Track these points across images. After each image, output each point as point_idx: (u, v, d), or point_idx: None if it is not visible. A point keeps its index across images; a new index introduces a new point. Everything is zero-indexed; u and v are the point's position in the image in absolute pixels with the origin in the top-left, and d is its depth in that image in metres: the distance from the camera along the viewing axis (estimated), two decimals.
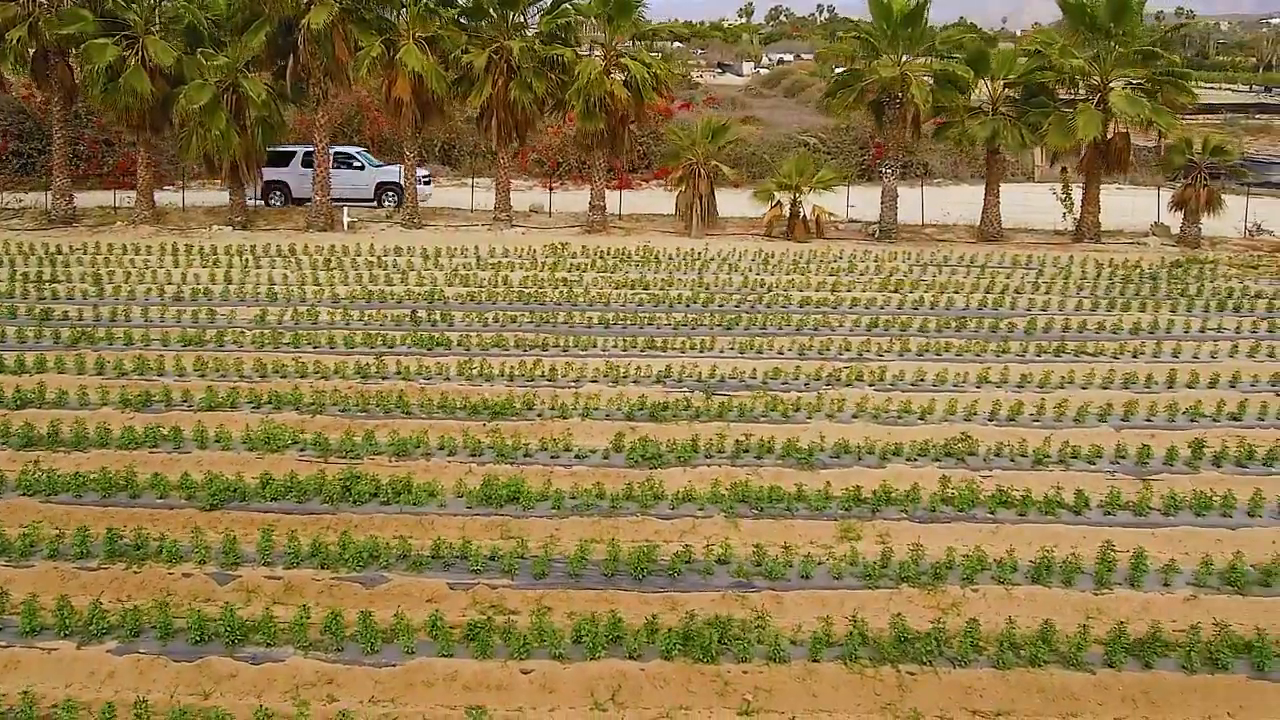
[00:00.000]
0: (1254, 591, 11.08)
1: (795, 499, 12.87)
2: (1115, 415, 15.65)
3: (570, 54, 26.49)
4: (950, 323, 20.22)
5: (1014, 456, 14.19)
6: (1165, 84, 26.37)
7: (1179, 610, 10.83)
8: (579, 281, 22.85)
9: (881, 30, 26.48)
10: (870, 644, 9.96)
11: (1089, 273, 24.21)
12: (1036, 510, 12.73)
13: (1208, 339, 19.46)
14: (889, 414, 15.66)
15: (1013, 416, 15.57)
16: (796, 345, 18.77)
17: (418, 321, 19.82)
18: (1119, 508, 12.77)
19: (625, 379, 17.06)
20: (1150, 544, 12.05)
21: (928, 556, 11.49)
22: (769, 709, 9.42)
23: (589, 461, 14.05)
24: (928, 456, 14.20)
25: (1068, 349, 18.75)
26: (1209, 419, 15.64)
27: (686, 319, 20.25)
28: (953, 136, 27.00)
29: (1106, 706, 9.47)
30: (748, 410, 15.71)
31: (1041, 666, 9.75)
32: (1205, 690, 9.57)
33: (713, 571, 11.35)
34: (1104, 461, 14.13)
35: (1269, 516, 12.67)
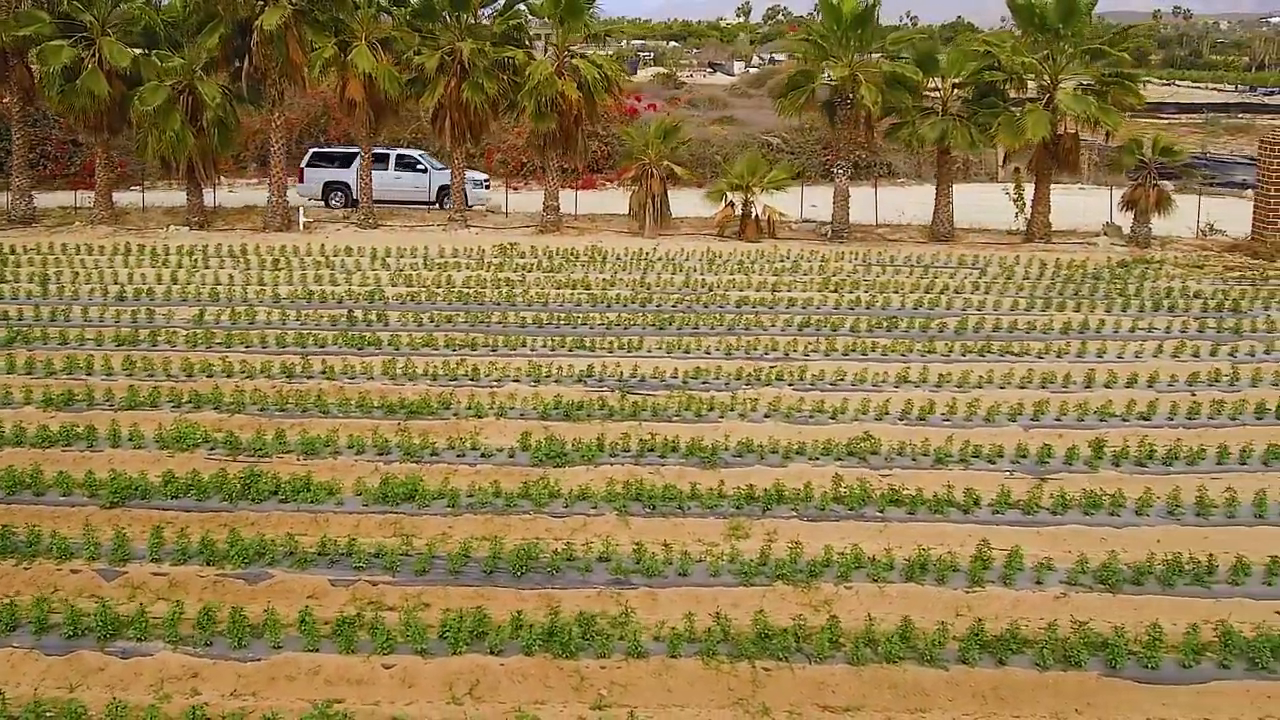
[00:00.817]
0: (1125, 590, 11.19)
1: (689, 497, 13.01)
2: (1026, 415, 15.75)
3: (522, 55, 26.65)
4: (881, 323, 20.33)
5: (915, 456, 14.32)
6: (1114, 84, 26.46)
7: (1048, 608, 10.96)
8: (521, 281, 23.00)
9: (832, 31, 26.59)
10: (731, 640, 10.11)
11: (1032, 273, 24.30)
12: (926, 509, 12.86)
13: (1135, 339, 19.53)
14: (801, 414, 15.79)
15: (923, 416, 15.68)
16: (725, 345, 18.89)
17: (353, 321, 19.99)
18: (1009, 507, 12.88)
19: (547, 379, 17.20)
20: (1034, 543, 12.19)
21: (807, 554, 11.62)
22: (622, 704, 9.56)
23: (494, 460, 14.20)
24: (830, 456, 14.33)
25: (993, 349, 18.85)
26: (1118, 419, 15.74)
27: (620, 319, 20.38)
28: (903, 137, 27.08)
29: (956, 703, 9.60)
30: (661, 410, 15.83)
31: (896, 663, 9.88)
32: (1056, 687, 9.69)
33: (592, 569, 11.49)
34: (1004, 461, 14.24)
35: (1156, 516, 12.78)
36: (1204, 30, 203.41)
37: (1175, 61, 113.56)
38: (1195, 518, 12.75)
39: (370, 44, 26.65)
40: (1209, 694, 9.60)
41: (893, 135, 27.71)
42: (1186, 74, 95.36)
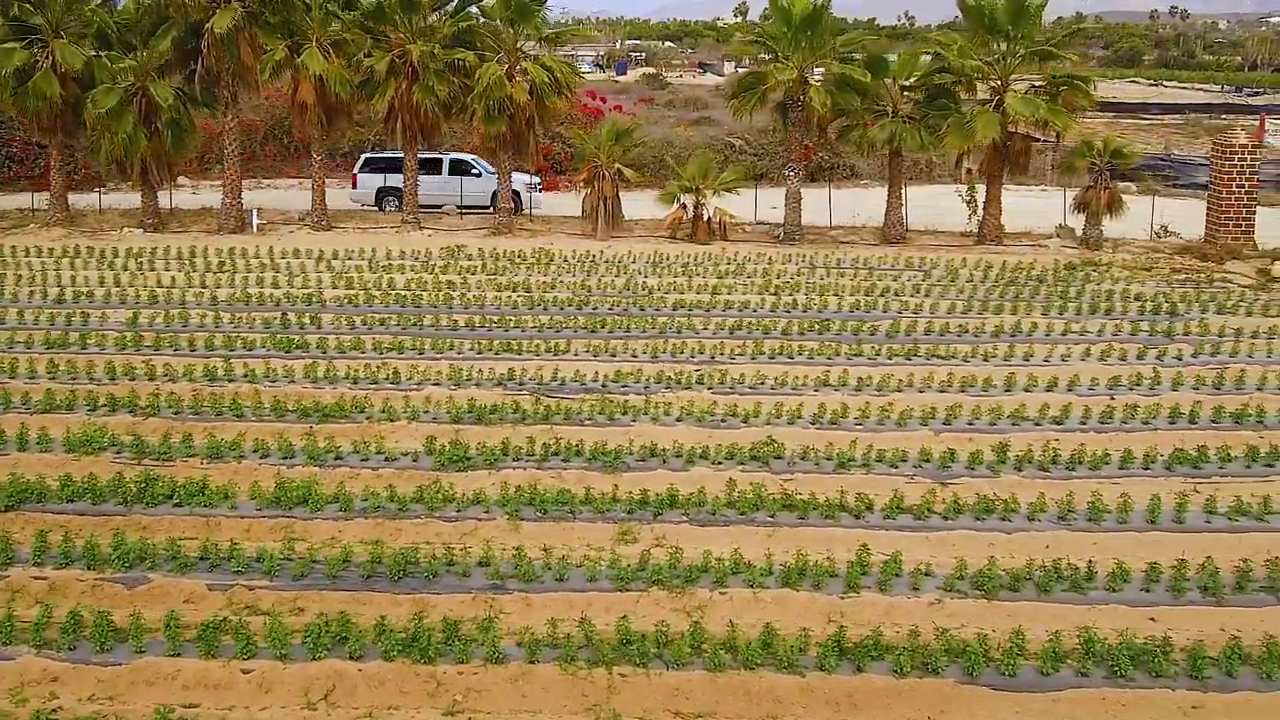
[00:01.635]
0: (1001, 597, 11.16)
1: (582, 502, 13.03)
2: (938, 419, 15.73)
3: (473, 57, 26.64)
4: (814, 326, 20.31)
5: (818, 460, 14.30)
6: (1064, 85, 26.41)
7: (921, 614, 10.93)
8: (463, 284, 23.02)
9: (782, 33, 26.57)
10: (593, 646, 10.11)
11: (976, 275, 24.27)
12: (818, 514, 12.84)
13: (1064, 342, 19.52)
14: (713, 418, 15.78)
15: (835, 421, 15.67)
16: (652, 348, 18.89)
17: (286, 324, 20.02)
18: (901, 512, 12.86)
19: (467, 382, 17.23)
20: (921, 548, 12.19)
21: (688, 560, 11.63)
22: (476, 709, 9.57)
23: (397, 464, 14.21)
24: (733, 460, 14.32)
25: (920, 352, 18.85)
26: (1031, 423, 15.71)
27: (553, 322, 20.39)
28: (854, 139, 27.06)
29: (809, 709, 9.59)
30: (574, 413, 15.85)
31: (754, 670, 9.88)
32: (911, 694, 9.68)
33: (470, 574, 11.50)
34: (907, 466, 14.22)
35: (1047, 521, 12.75)
36: (1202, 30, 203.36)
37: (1168, 61, 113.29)
38: (1087, 523, 12.73)
39: (321, 46, 26.68)
40: (1064, 701, 9.58)
41: (844, 137, 27.68)
42: (1176, 74, 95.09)
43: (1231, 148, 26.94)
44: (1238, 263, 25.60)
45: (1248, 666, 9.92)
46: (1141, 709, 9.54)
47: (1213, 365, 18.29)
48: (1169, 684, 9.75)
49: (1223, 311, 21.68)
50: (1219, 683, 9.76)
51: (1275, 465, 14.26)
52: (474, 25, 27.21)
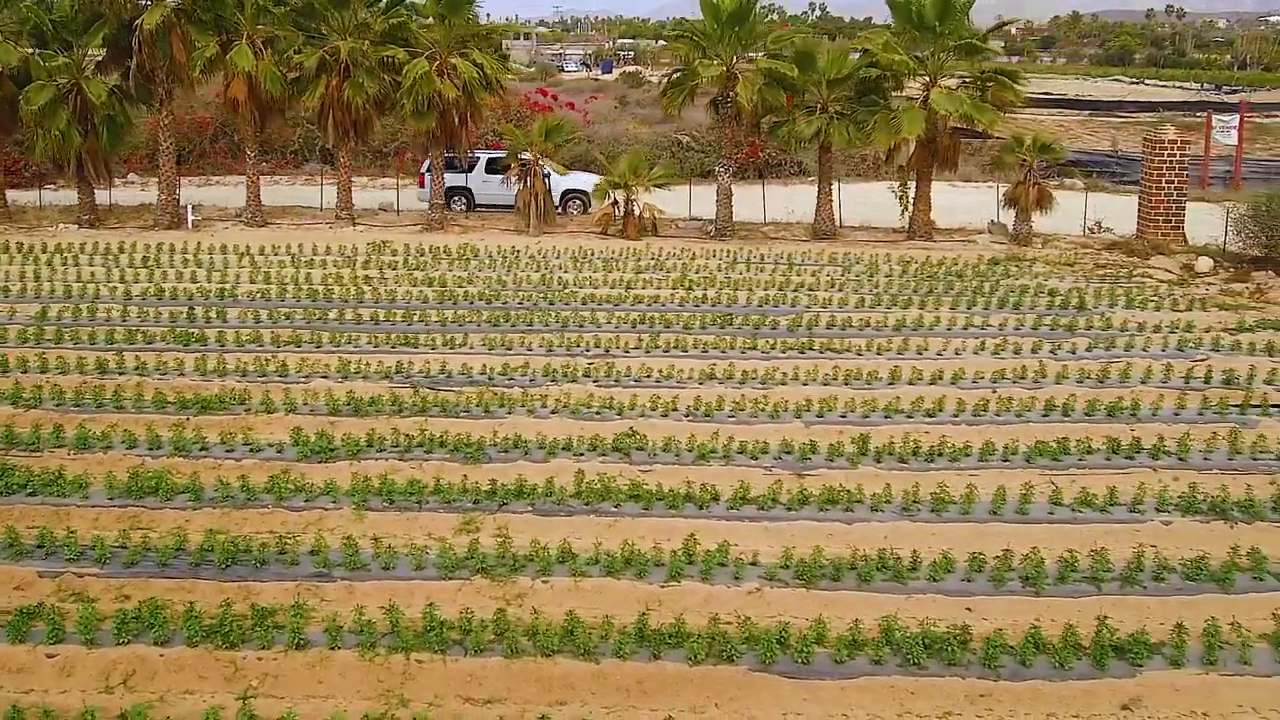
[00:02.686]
0: (821, 585, 11.22)
1: (431, 492, 13.11)
2: (812, 412, 15.79)
3: (403, 54, 26.72)
4: (716, 320, 20.35)
5: (680, 452, 14.38)
6: (992, 81, 26.41)
7: (738, 602, 11.00)
8: (380, 279, 23.11)
9: (712, 29, 26.61)
10: (397, 633, 10.19)
11: (895, 271, 24.29)
12: (663, 504, 12.91)
13: (964, 336, 19.52)
14: (589, 410, 15.84)
15: (710, 413, 15.72)
16: (549, 342, 18.97)
17: (192, 318, 20.13)
18: (746, 503, 12.93)
19: (356, 375, 17.31)
20: (760, 539, 12.26)
21: (518, 549, 11.72)
22: (270, 694, 9.65)
23: (262, 455, 14.31)
24: (596, 451, 14.40)
25: (814, 346, 18.89)
26: (904, 415, 15.75)
27: (457, 316, 20.46)
28: (782, 135, 27.09)
29: (599, 695, 9.66)
30: (453, 406, 15.94)
31: (550, 656, 9.97)
32: (702, 681, 9.75)
33: (299, 562, 11.60)
34: (768, 457, 14.29)
35: (890, 512, 12.79)
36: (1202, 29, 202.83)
37: (1159, 60, 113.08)
38: (929, 514, 12.76)
39: (252, 43, 26.79)
40: (853, 689, 9.64)
41: (774, 133, 27.69)
42: (1163, 73, 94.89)
43: (1161, 144, 26.90)
44: (1163, 258, 25.57)
45: (1045, 656, 9.96)
46: (929, 697, 9.60)
47: (1105, 359, 18.32)
48: (961, 673, 9.82)
49: (1131, 306, 21.68)
50: (1012, 672, 9.82)
51: (1134, 458, 14.30)
52: (405, 21, 27.27)
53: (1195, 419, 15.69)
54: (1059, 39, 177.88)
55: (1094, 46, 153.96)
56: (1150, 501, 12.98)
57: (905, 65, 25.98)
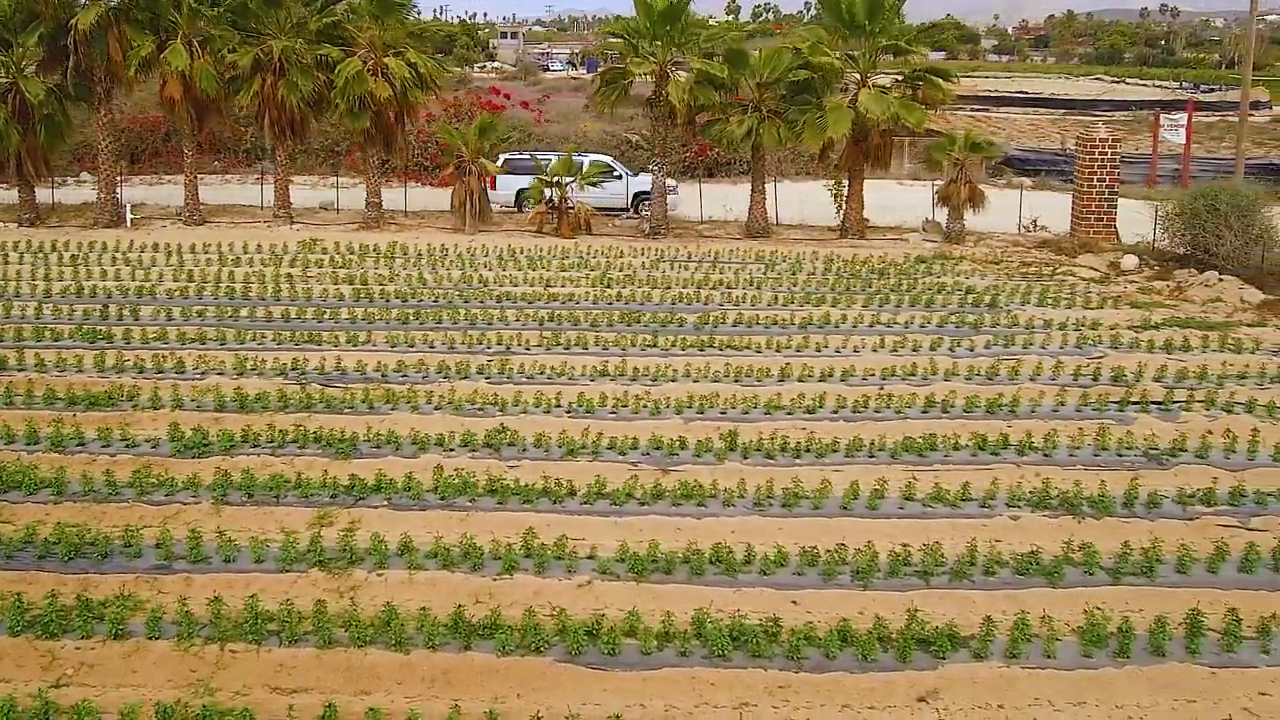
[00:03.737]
0: (652, 578, 11.33)
1: (293, 487, 13.23)
2: (692, 409, 15.91)
3: (338, 53, 26.86)
4: (624, 318, 20.45)
5: (549, 448, 14.51)
6: (923, 81, 26.49)
7: (569, 595, 11.11)
8: (302, 277, 23.26)
9: (645, 27, 26.72)
10: (216, 624, 10.32)
11: (818, 269, 24.38)
12: (519, 499, 13.04)
13: (870, 333, 19.63)
14: (472, 406, 15.97)
15: (591, 409, 15.84)
16: (451, 339, 19.11)
17: (105, 316, 20.30)
18: (601, 497, 13.04)
19: (252, 371, 17.47)
20: (609, 532, 12.35)
21: (358, 542, 11.84)
22: (85, 683, 9.77)
23: (137, 450, 14.43)
24: (467, 447, 14.53)
25: (714, 344, 18.99)
26: (784, 412, 15.85)
27: (367, 313, 20.60)
28: (714, 134, 27.21)
29: (405, 685, 9.76)
30: (336, 403, 16.07)
31: (363, 646, 10.09)
32: (507, 672, 9.86)
33: (143, 554, 11.73)
34: (636, 453, 14.40)
35: (742, 507, 12.90)
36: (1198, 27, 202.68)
37: (1148, 59, 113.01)
38: (780, 509, 12.89)
39: (188, 42, 26.97)
40: (656, 680, 9.73)
41: (706, 132, 27.80)
42: (1146, 71, 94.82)
43: (1093, 143, 26.97)
44: (1090, 256, 25.63)
45: (852, 648, 10.08)
46: (729, 688, 9.70)
47: (1002, 357, 18.40)
48: (765, 665, 9.93)
49: (1042, 304, 21.76)
50: (816, 664, 9.92)
51: (1000, 454, 14.38)
52: (340, 21, 27.42)
53: (1072, 416, 15.78)
54: (1054, 38, 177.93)
55: (1088, 46, 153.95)
56: (1002, 497, 13.08)
57: (832, 66, 26.06)
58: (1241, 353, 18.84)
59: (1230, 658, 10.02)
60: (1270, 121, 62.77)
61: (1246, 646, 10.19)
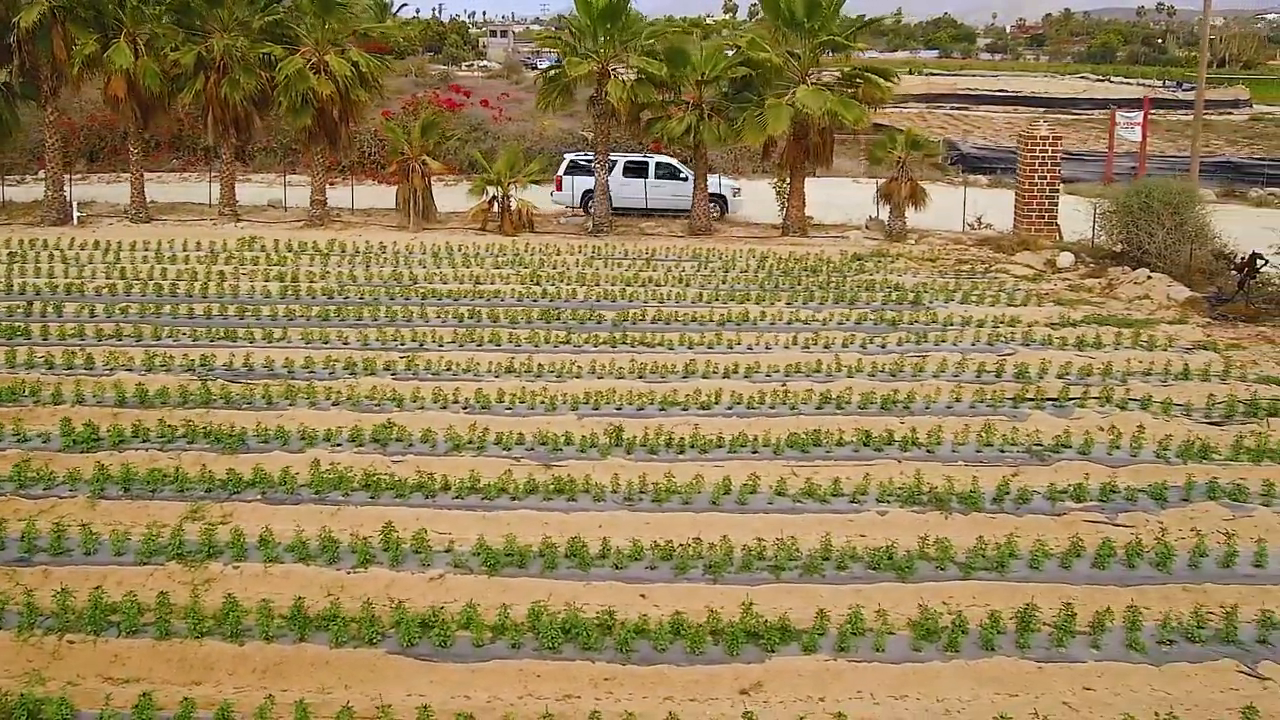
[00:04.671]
0: (505, 572, 11.40)
1: (171, 481, 13.33)
2: (589, 404, 15.98)
3: (281, 51, 26.97)
4: (545, 314, 20.51)
5: (436, 443, 14.59)
6: (862, 79, 26.52)
7: (420, 588, 11.19)
8: (234, 274, 23.36)
9: (586, 25, 26.78)
10: (59, 615, 10.40)
11: (750, 266, 24.41)
12: (392, 494, 13.12)
13: (788, 330, 19.68)
14: (369, 402, 16.06)
15: (487, 406, 15.91)
16: (366, 336, 19.19)
17: (29, 313, 20.42)
18: (474, 492, 13.11)
19: (160, 367, 17.54)
20: (475, 527, 12.39)
21: (219, 535, 11.93)
22: None
23: (28, 445, 14.50)
24: (354, 442, 14.61)
25: (627, 340, 19.05)
26: (679, 408, 15.90)
27: (288, 311, 20.70)
28: (656, 131, 27.26)
29: (236, 676, 9.84)
30: (236, 398, 16.14)
31: (199, 638, 10.16)
32: (338, 663, 9.93)
33: (6, 547, 11.84)
34: (521, 448, 14.48)
35: (612, 501, 12.96)
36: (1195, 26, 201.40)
37: (1139, 58, 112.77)
38: (651, 504, 12.94)
39: (133, 41, 27.09)
40: (484, 673, 9.79)
41: (649, 130, 27.85)
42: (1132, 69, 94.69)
43: (1033, 140, 26.98)
44: (1028, 254, 25.63)
45: (683, 641, 10.13)
46: (555, 680, 9.76)
47: (914, 354, 18.44)
48: (594, 657, 9.99)
49: (966, 302, 21.78)
50: (644, 657, 9.99)
51: (883, 450, 14.42)
52: (282, 19, 27.52)
53: (966, 413, 15.81)
54: (1050, 37, 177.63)
55: (1082, 44, 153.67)
56: (873, 493, 13.13)
57: (770, 63, 26.10)
58: (1153, 350, 18.87)
59: (1060, 652, 10.07)
60: (1249, 120, 62.64)
61: (1078, 641, 10.25)
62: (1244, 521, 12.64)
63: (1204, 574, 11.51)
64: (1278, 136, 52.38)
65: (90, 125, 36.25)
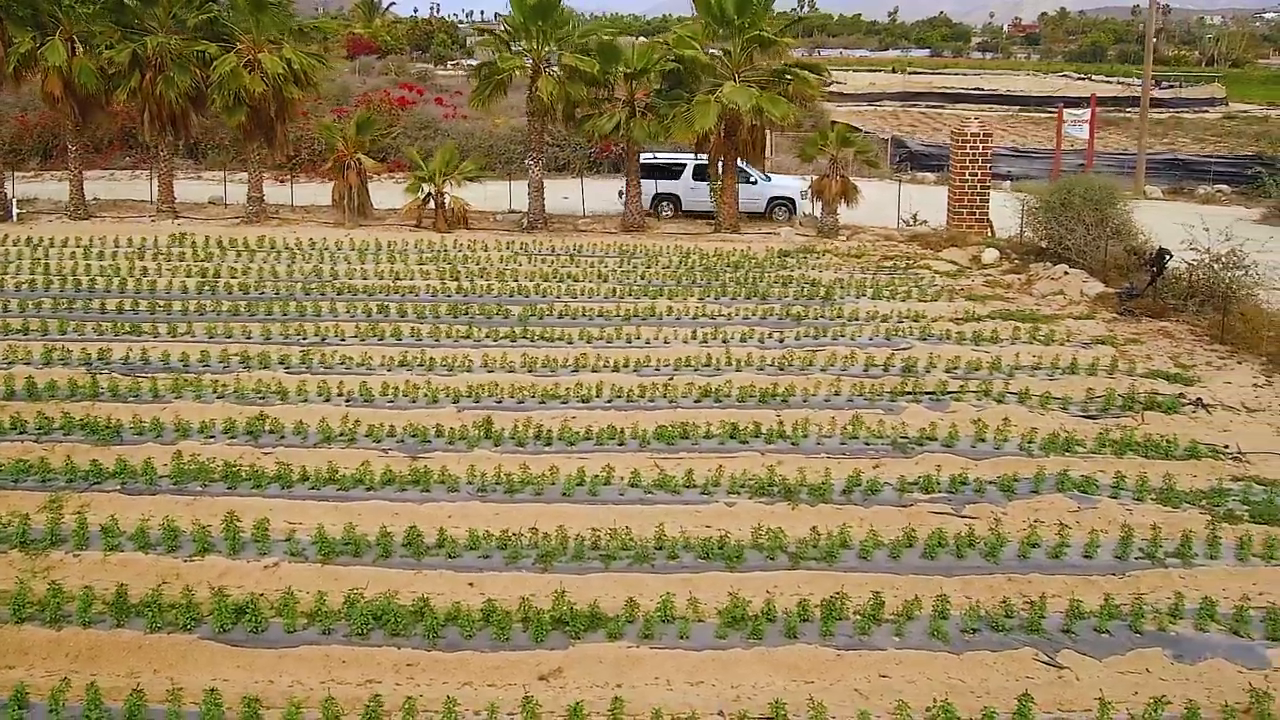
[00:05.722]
0: (340, 560, 11.54)
1: (35, 471, 13.45)
2: (470, 397, 16.13)
3: (214, 49, 27.13)
4: (452, 310, 20.66)
5: (307, 434, 14.74)
6: (792, 76, 26.62)
7: (255, 575, 11.32)
8: (157, 270, 23.53)
9: (519, 23, 26.92)
10: None
11: (673, 262, 24.53)
12: (249, 484, 13.26)
13: (689, 324, 19.80)
14: (254, 396, 16.19)
15: (370, 399, 16.06)
16: (268, 330, 19.33)
17: None
18: (330, 482, 13.25)
19: (59, 361, 17.66)
20: (325, 516, 12.51)
21: (65, 524, 12.09)
22: None
23: None
24: (227, 434, 14.78)
25: (526, 335, 19.17)
26: (559, 401, 16.02)
27: (199, 305, 20.88)
28: (588, 128, 27.39)
29: (49, 660, 9.96)
30: (123, 391, 16.30)
31: (20, 624, 10.28)
32: (150, 647, 10.06)
33: None
34: (392, 440, 14.62)
35: (465, 492, 13.10)
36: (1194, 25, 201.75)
37: (1129, 56, 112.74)
38: (503, 494, 13.09)
39: (68, 39, 27.28)
40: (291, 658, 9.87)
41: (581, 127, 27.98)
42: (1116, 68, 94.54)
43: (964, 137, 27.07)
44: (956, 250, 25.72)
45: (492, 628, 10.25)
46: (360, 666, 9.88)
47: (811, 348, 18.51)
48: (401, 643, 10.11)
49: (877, 297, 21.86)
50: (450, 643, 10.12)
51: (748, 443, 14.52)
52: (217, 17, 27.69)
53: (843, 405, 15.92)
54: (1044, 36, 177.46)
55: (1074, 43, 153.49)
56: (725, 484, 13.25)
57: (698, 59, 26.23)
58: (1050, 345, 18.95)
59: (862, 640, 10.18)
60: (1221, 118, 62.61)
61: (883, 630, 10.35)
62: (1088, 513, 12.76)
63: (1032, 565, 11.62)
64: (1246, 134, 52.32)
65: (42, 124, 36.44)
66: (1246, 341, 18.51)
